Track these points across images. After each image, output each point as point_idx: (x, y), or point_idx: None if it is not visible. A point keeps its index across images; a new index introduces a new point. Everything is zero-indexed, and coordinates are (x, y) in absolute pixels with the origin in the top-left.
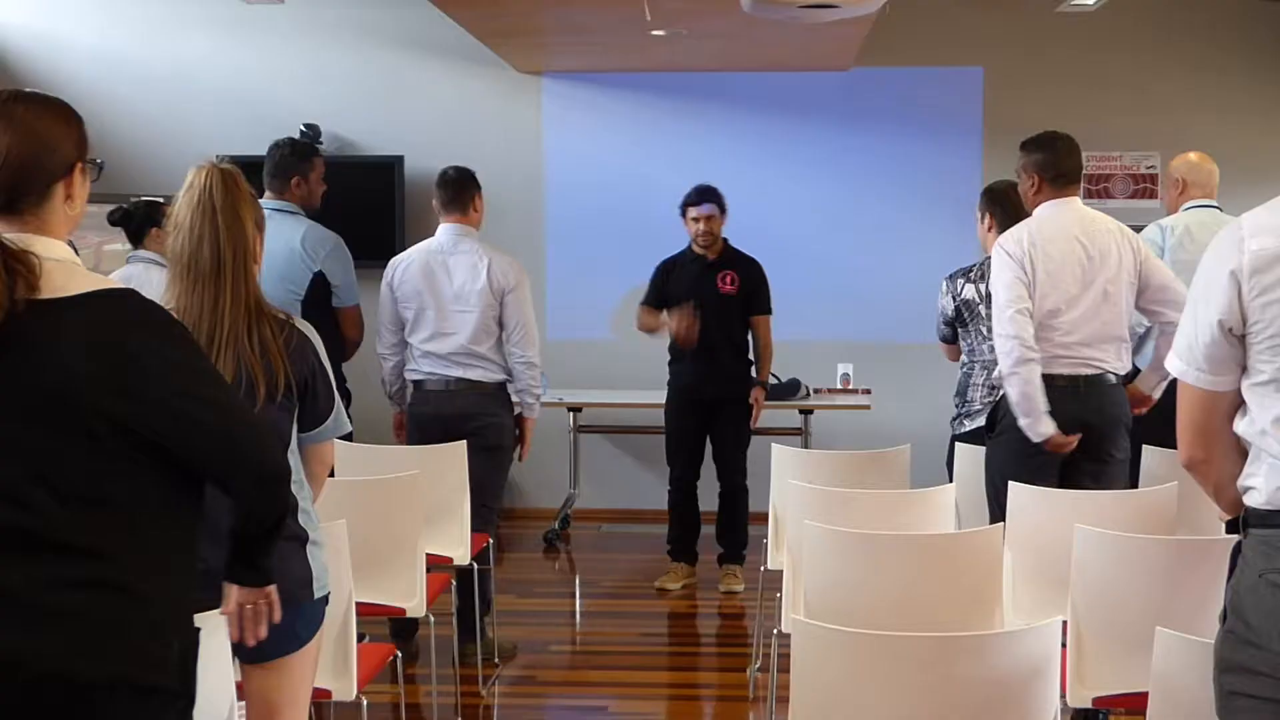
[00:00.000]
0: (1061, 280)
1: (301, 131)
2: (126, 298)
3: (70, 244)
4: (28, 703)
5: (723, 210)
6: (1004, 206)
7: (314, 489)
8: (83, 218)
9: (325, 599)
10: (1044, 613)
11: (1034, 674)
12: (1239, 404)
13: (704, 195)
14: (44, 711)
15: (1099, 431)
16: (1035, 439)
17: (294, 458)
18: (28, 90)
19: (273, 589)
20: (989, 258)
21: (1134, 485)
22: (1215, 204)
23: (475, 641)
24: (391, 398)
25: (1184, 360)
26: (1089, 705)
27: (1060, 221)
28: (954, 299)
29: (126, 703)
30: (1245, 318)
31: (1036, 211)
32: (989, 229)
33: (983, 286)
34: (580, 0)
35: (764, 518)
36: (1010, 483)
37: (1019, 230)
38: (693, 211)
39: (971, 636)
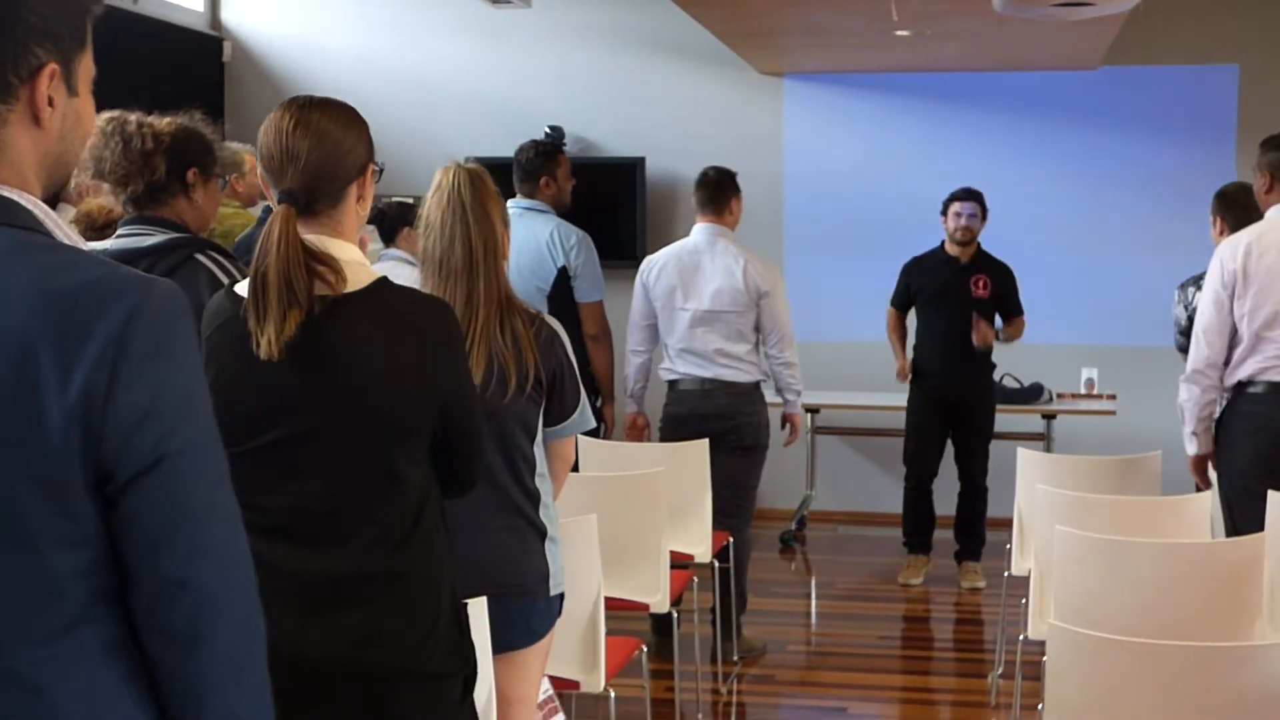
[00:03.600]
0: (1278, 290)
1: (546, 133)
2: (410, 290)
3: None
4: (319, 696)
5: (984, 214)
6: (1234, 210)
7: (554, 486)
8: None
9: (561, 597)
10: None
11: None
12: None
13: (970, 192)
14: (335, 704)
15: None
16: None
17: (539, 451)
18: (319, 96)
19: None
20: None
21: None
22: None
23: (729, 639)
24: (631, 395)
25: None
26: None
27: None
28: (1185, 308)
29: (416, 691)
30: None
31: (1267, 214)
32: (1220, 232)
33: None
34: (824, 1)
35: (1000, 522)
36: (1271, 492)
37: (1240, 236)
38: (956, 206)
39: (1237, 647)
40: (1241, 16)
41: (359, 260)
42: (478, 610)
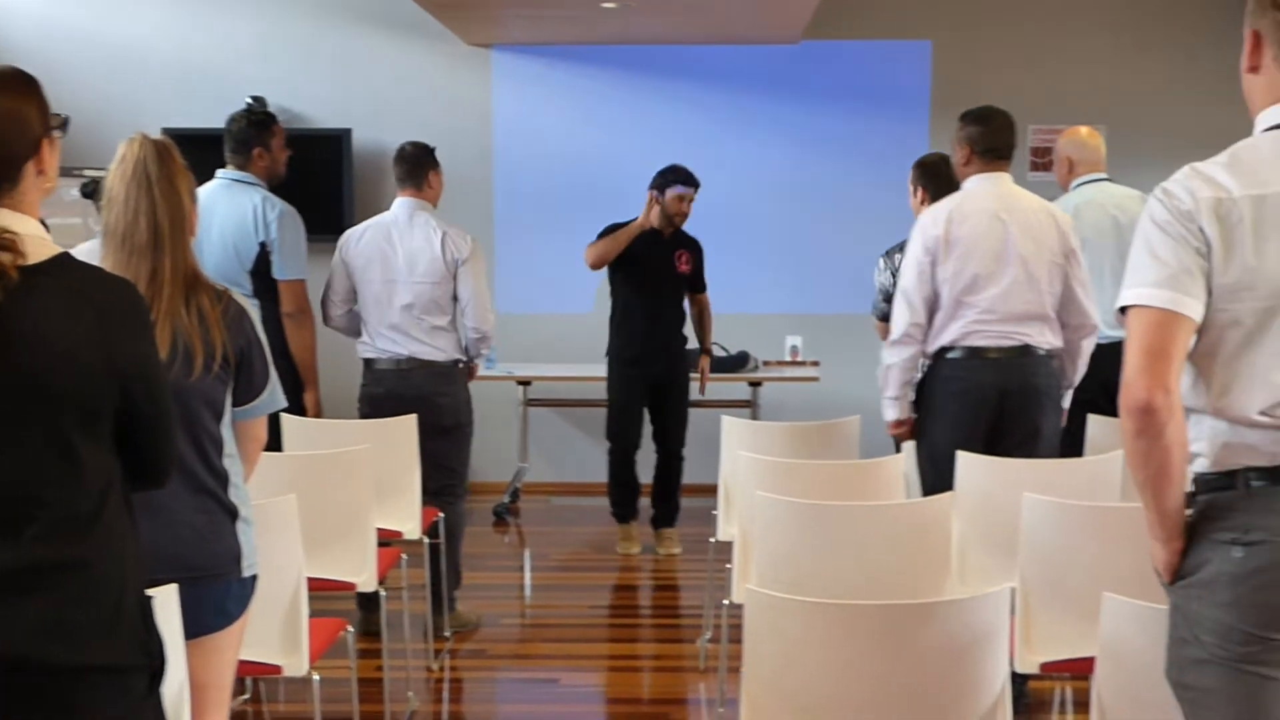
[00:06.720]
0: (977, 256)
1: (248, 104)
2: (91, 267)
3: (43, 222)
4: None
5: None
6: (935, 179)
7: (245, 468)
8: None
9: (254, 578)
10: (993, 580)
11: (984, 640)
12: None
13: (694, 180)
14: (15, 699)
15: (1020, 402)
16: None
17: (227, 431)
18: None
19: None
20: None
21: (1078, 454)
22: (1104, 176)
23: (441, 615)
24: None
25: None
26: (1037, 671)
27: (983, 198)
28: (893, 274)
29: (99, 685)
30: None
31: (964, 185)
32: (921, 201)
33: None
34: None
35: (707, 489)
36: (959, 452)
37: (941, 205)
38: (680, 190)
39: (923, 604)
40: None
41: (39, 235)
42: (168, 598)
